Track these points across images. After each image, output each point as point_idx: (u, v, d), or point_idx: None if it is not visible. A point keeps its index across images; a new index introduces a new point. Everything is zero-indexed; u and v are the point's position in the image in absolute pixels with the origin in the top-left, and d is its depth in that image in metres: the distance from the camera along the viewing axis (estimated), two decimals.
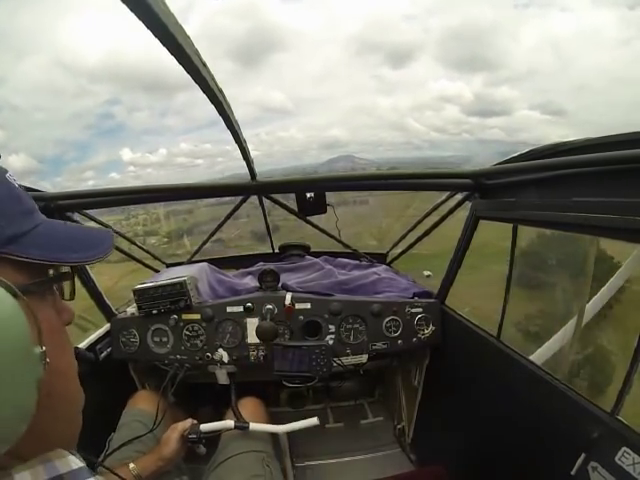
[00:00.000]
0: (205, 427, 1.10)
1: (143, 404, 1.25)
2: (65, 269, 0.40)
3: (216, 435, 1.11)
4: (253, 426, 1.09)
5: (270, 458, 1.07)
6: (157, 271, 1.98)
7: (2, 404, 0.27)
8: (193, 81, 0.64)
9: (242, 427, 1.09)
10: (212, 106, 0.77)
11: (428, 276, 1.63)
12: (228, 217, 1.71)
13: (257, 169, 1.21)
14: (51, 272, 0.38)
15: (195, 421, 1.12)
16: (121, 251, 1.76)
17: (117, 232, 1.70)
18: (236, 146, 1.07)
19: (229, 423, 1.10)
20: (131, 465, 0.97)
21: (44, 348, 0.32)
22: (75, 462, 0.35)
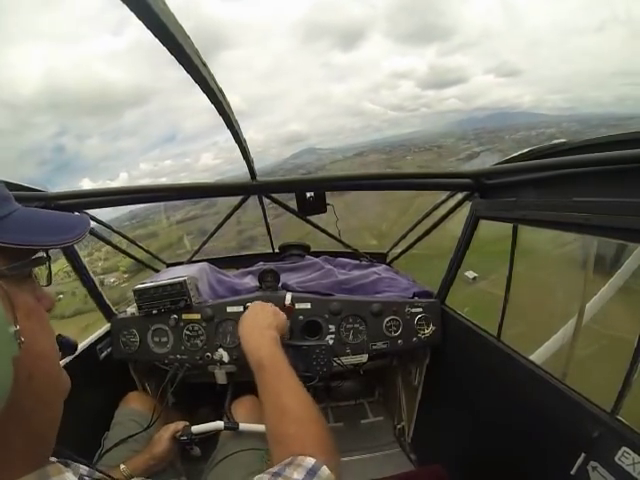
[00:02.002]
0: (196, 429, 1.10)
1: (135, 404, 1.26)
2: (40, 254, 0.40)
3: (208, 436, 1.11)
4: (243, 426, 1.09)
5: (270, 455, 1.07)
6: (157, 271, 1.99)
7: None
8: (193, 80, 0.64)
9: (232, 428, 1.09)
10: (211, 105, 0.76)
11: (474, 278, 1.58)
12: (228, 217, 1.71)
13: (218, 177, 1.21)
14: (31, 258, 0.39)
15: (187, 423, 1.13)
16: (121, 251, 1.76)
17: (117, 232, 1.70)
18: (236, 146, 1.08)
19: (219, 424, 1.10)
20: (122, 466, 0.97)
21: (18, 327, 0.33)
22: (71, 478, 0.36)
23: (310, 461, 0.51)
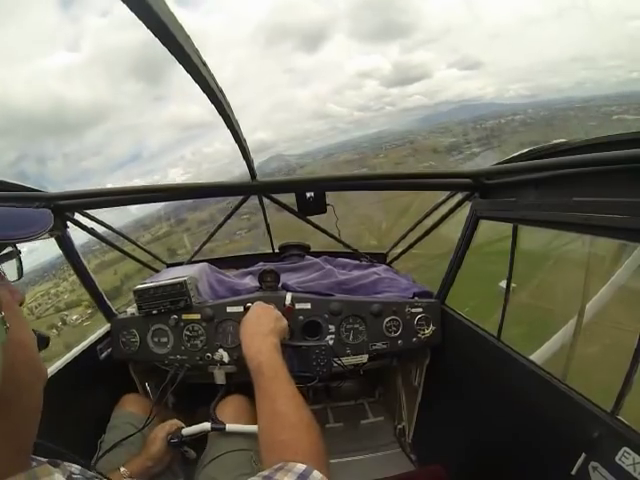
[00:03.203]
0: (185, 431, 1.10)
1: (131, 406, 1.25)
2: (9, 248, 0.41)
3: (199, 438, 1.11)
4: (230, 427, 1.08)
5: (258, 456, 1.07)
6: (157, 271, 1.98)
7: None
8: (193, 81, 0.64)
9: (218, 428, 1.09)
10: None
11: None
12: (228, 217, 1.71)
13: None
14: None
15: (181, 423, 1.13)
16: (121, 251, 1.76)
17: (117, 232, 1.70)
18: (233, 149, 1.08)
19: (205, 426, 1.10)
20: (122, 469, 0.97)
21: (3, 313, 0.34)
22: (59, 479, 0.36)
23: (300, 467, 0.51)
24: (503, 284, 1.13)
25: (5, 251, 0.41)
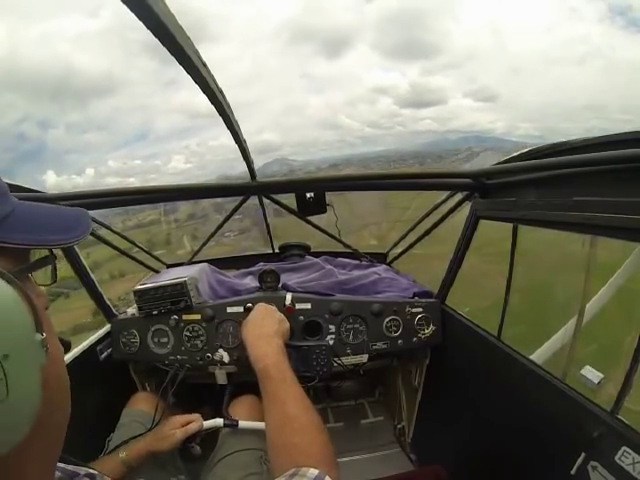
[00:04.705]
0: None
1: (142, 405, 1.25)
2: (45, 252, 0.39)
3: (208, 434, 1.12)
4: (242, 424, 1.10)
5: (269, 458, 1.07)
6: (157, 271, 1.98)
7: (15, 395, 0.27)
8: (193, 81, 0.64)
9: (231, 425, 1.10)
10: (205, 100, 0.75)
11: (599, 383, 1.05)
12: (228, 218, 1.71)
13: (187, 182, 1.20)
14: (33, 256, 0.37)
15: (199, 417, 1.12)
16: (121, 251, 1.76)
17: (117, 232, 1.70)
18: (236, 147, 1.08)
19: (218, 421, 1.11)
20: (122, 454, 0.98)
21: (44, 335, 0.31)
22: None
23: (313, 472, 0.51)
24: (589, 374, 1.03)
25: (43, 254, 0.38)
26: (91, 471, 0.48)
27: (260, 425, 1.09)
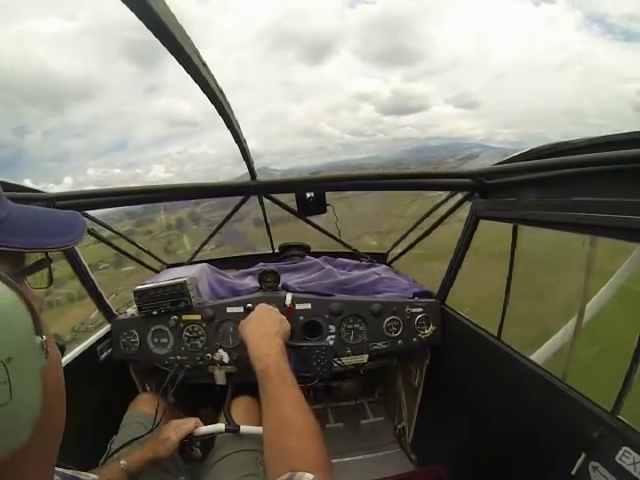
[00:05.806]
0: (197, 431, 1.10)
1: (145, 406, 1.24)
2: (41, 255, 0.39)
3: (210, 438, 1.11)
4: (244, 429, 1.09)
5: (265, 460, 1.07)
6: (157, 272, 1.98)
7: (17, 398, 0.27)
8: (193, 81, 0.64)
9: (233, 430, 1.09)
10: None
11: None
12: (228, 218, 1.71)
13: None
14: (28, 260, 0.37)
15: (199, 421, 1.12)
16: (121, 251, 1.76)
17: (117, 233, 1.70)
18: (236, 147, 1.08)
19: (220, 427, 1.10)
20: (122, 462, 0.96)
21: (44, 337, 0.31)
22: None
23: (309, 477, 0.51)
24: None
25: (39, 257, 0.38)
26: (92, 476, 0.48)
27: (261, 430, 1.09)
